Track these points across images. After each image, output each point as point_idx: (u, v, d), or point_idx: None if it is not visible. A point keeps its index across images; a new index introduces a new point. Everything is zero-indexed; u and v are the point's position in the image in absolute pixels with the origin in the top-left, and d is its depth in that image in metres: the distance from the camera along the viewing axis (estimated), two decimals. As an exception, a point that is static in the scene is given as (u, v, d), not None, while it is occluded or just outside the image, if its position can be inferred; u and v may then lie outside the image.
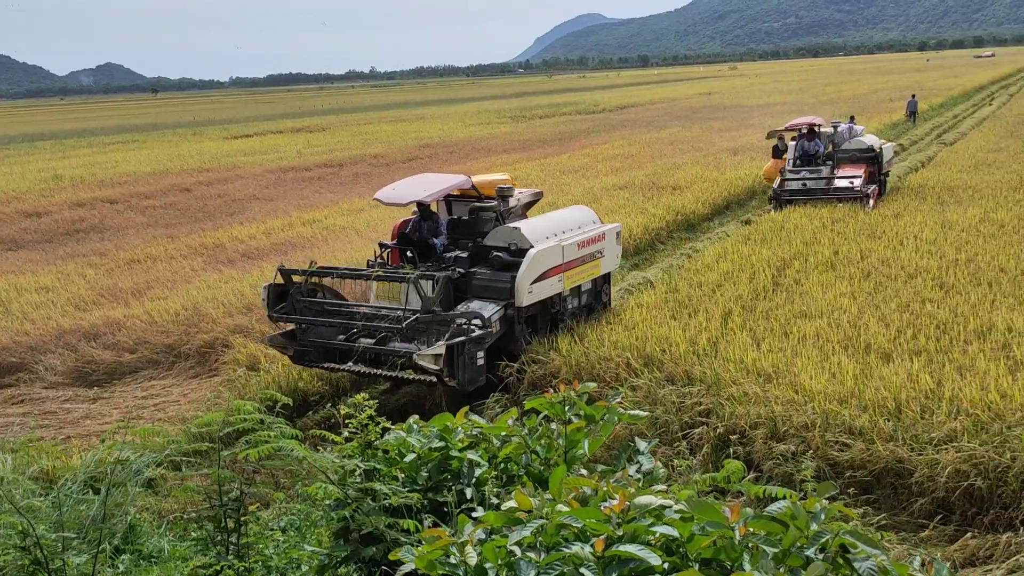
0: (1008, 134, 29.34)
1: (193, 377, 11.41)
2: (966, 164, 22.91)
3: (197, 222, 22.48)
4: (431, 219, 11.13)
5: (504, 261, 10.28)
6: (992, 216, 15.50)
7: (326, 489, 4.30)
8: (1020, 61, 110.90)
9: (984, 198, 17.50)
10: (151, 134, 59.55)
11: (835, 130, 21.09)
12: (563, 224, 11.28)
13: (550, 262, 10.37)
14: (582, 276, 11.15)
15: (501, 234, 10.65)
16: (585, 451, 4.51)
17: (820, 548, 3.03)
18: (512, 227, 10.61)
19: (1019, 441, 6.86)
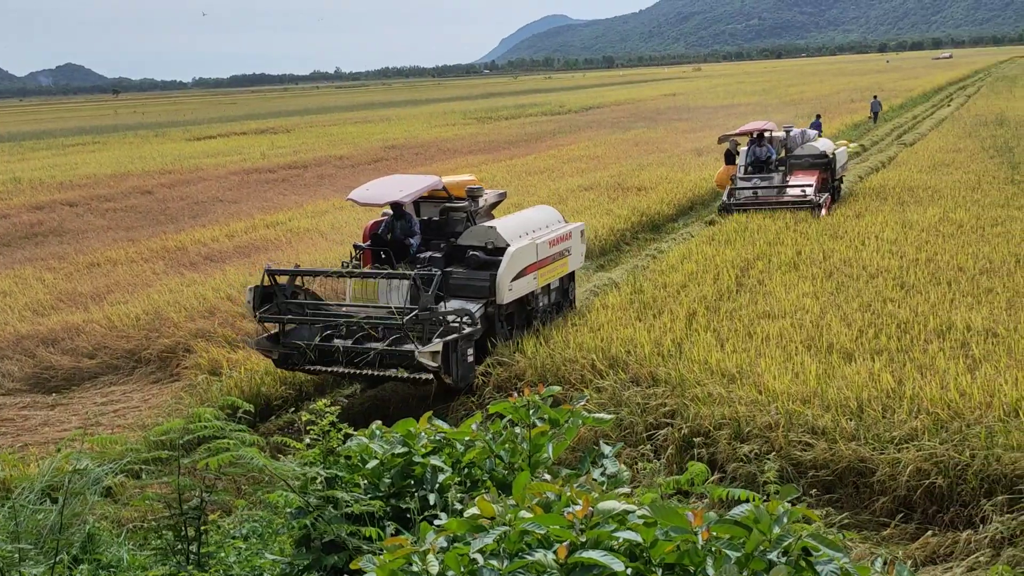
0: (966, 135, 29.80)
1: (154, 383, 11.25)
2: (925, 164, 23.22)
3: (159, 225, 22.21)
4: (404, 219, 11.11)
5: (481, 260, 10.45)
6: (951, 216, 15.72)
7: (287, 497, 4.25)
8: (977, 63, 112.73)
9: (943, 198, 17.74)
10: (112, 135, 58.78)
11: (787, 135, 20.37)
12: (532, 223, 11.49)
13: (526, 260, 10.56)
14: (553, 274, 11.35)
15: (476, 233, 10.82)
16: (549, 455, 4.50)
17: (783, 551, 3.03)
18: (487, 226, 10.80)
19: (978, 439, 6.95)
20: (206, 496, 5.26)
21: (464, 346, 9.42)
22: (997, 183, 19.19)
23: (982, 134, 29.37)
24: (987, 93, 52.63)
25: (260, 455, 4.18)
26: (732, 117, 43.86)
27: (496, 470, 4.50)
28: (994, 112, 37.46)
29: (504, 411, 4.67)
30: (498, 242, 10.57)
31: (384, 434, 4.65)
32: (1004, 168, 21.38)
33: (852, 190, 20.91)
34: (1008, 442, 6.87)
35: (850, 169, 25.21)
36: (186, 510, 5.15)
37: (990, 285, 11.23)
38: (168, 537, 5.20)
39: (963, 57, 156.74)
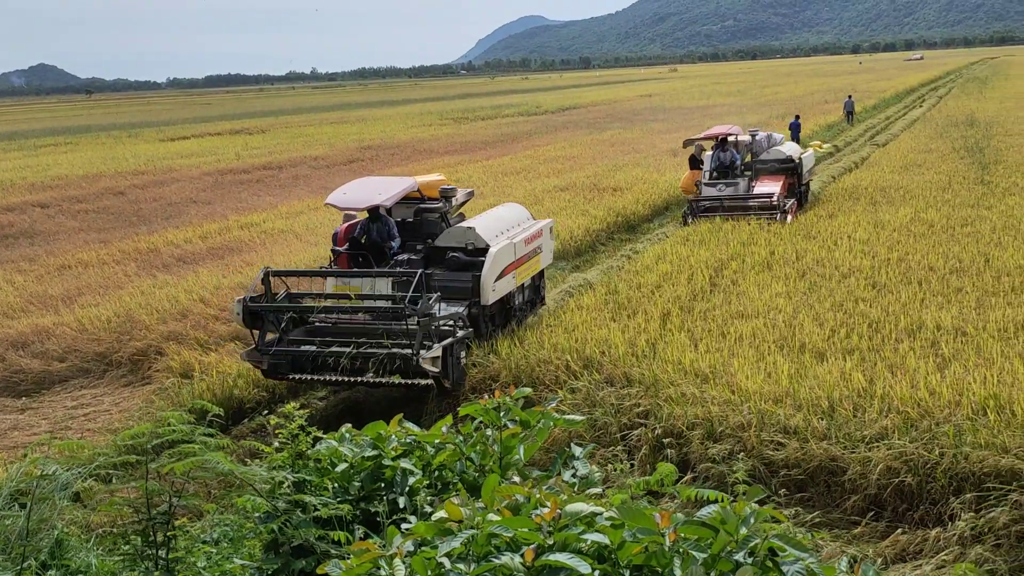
0: (937, 135, 30.09)
1: (125, 386, 11.15)
2: (897, 165, 23.42)
3: (131, 226, 22.02)
4: (381, 222, 10.95)
5: (462, 261, 10.48)
6: (922, 216, 15.86)
7: (254, 502, 4.22)
8: (949, 64, 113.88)
9: (915, 198, 17.91)
10: (84, 136, 58.22)
11: (753, 139, 19.94)
12: (506, 222, 11.54)
13: (507, 259, 10.60)
14: (528, 272, 11.42)
15: (455, 234, 10.82)
16: (520, 457, 4.48)
17: (749, 552, 3.04)
18: (466, 227, 10.82)
19: (947, 438, 7.01)
20: (175, 501, 5.22)
21: (458, 349, 9.48)
22: (967, 183, 19.39)
23: (953, 135, 29.68)
24: (958, 94, 53.19)
25: (226, 459, 4.14)
26: (708, 118, 44.04)
27: (467, 472, 4.48)
28: (965, 113, 37.86)
29: (475, 413, 4.65)
30: (478, 243, 10.57)
31: (354, 437, 4.62)
32: (974, 168, 21.61)
33: (824, 191, 21.05)
34: (976, 440, 6.94)
35: (823, 170, 25.43)
36: (154, 515, 5.10)
37: (960, 284, 11.34)
38: (136, 542, 5.15)
39: (934, 59, 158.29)
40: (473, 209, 13.35)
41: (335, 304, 9.77)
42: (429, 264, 10.75)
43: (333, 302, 9.79)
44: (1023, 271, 11.69)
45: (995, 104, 41.86)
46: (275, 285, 10.06)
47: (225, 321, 12.50)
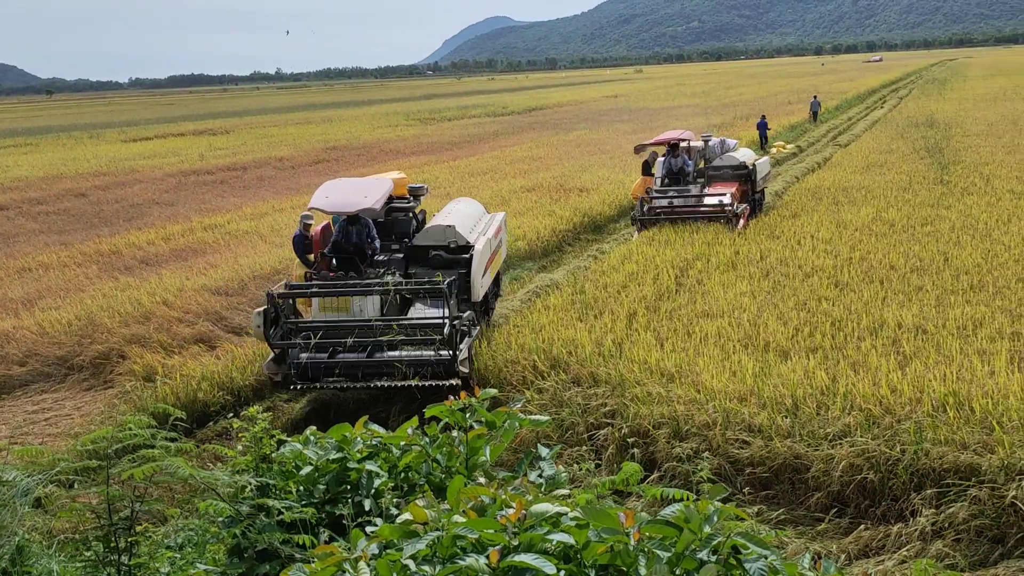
0: (898, 136, 30.49)
1: (87, 390, 11.00)
2: (859, 165, 23.70)
3: (92, 228, 21.73)
4: (361, 224, 10.84)
5: (445, 259, 10.59)
6: (884, 215, 16.06)
7: (217, 506, 4.18)
8: (909, 65, 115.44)
9: (876, 198, 18.13)
10: (45, 137, 57.40)
11: (706, 145, 19.30)
12: (473, 218, 11.77)
13: (487, 255, 10.88)
14: (495, 266, 11.69)
15: (434, 233, 10.91)
16: (487, 458, 4.48)
17: (713, 550, 3.06)
18: (446, 225, 10.94)
19: (908, 435, 7.11)
20: (137, 506, 5.16)
21: (469, 345, 9.69)
22: (927, 183, 19.66)
23: (913, 135, 30.08)
24: (918, 95, 53.93)
25: (187, 464, 4.10)
26: (673, 119, 44.30)
27: (433, 474, 4.47)
28: (925, 114, 38.39)
29: (441, 414, 4.63)
30: (459, 240, 10.73)
31: (319, 440, 4.58)
32: (934, 168, 21.92)
33: (788, 191, 21.21)
34: (937, 437, 7.05)
35: (787, 170, 25.68)
36: (116, 520, 5.04)
37: (920, 283, 11.50)
38: (98, 548, 5.08)
39: (893, 60, 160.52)
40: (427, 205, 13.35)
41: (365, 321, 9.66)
42: (410, 263, 10.83)
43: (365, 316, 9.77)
44: (981, 270, 11.87)
45: (954, 105, 42.49)
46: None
47: (189, 323, 12.39)
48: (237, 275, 14.62)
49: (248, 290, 14.04)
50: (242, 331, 12.51)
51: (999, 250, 12.83)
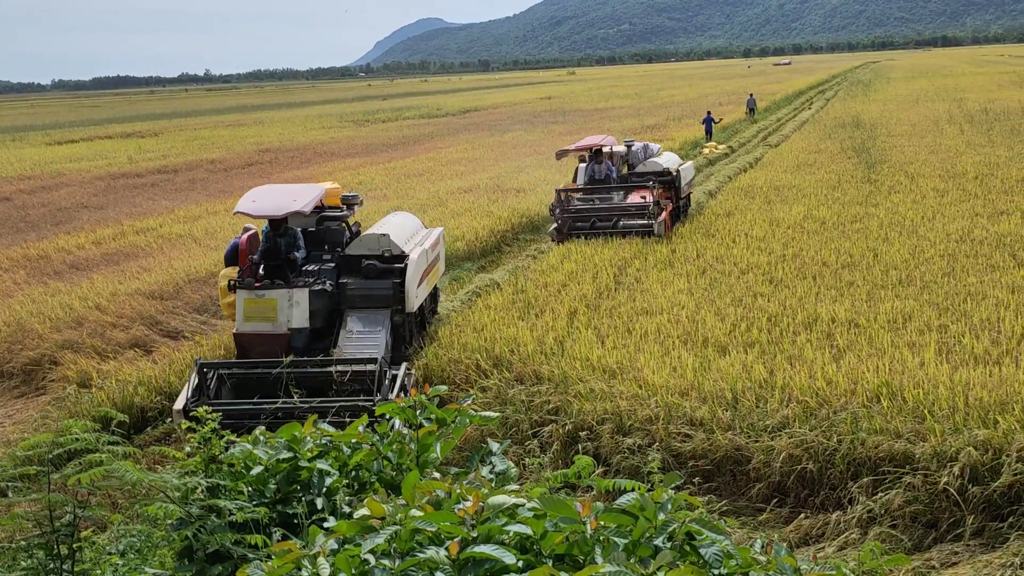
0: (826, 136, 31.21)
1: (18, 397, 10.71)
2: (790, 165, 24.21)
3: (18, 233, 21.11)
4: (287, 234, 10.43)
5: (378, 269, 10.28)
6: (815, 213, 16.45)
7: (167, 509, 4.12)
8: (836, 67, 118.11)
9: (807, 197, 18.54)
10: (-37, 139, 55.55)
11: (629, 150, 18.71)
12: (409, 229, 11.51)
13: (422, 266, 10.66)
14: (432, 280, 11.50)
15: (367, 242, 10.57)
16: (438, 454, 4.49)
17: (668, 537, 3.13)
18: (380, 234, 10.63)
19: (844, 425, 7.31)
20: (79, 512, 5.05)
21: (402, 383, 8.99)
22: (855, 182, 20.18)
23: (841, 136, 30.81)
24: (844, 97, 55.24)
25: (135, 468, 4.03)
26: (607, 120, 44.74)
27: (384, 471, 4.47)
28: (851, 115, 39.35)
29: (391, 412, 4.64)
30: (393, 249, 10.45)
31: (268, 439, 4.55)
32: (861, 168, 22.50)
33: (721, 190, 21.55)
34: (871, 426, 7.26)
35: (719, 170, 26.09)
36: (58, 527, 4.93)
37: (851, 279, 11.80)
38: (39, 556, 4.97)
39: (801, 63, 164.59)
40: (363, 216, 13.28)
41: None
42: (341, 273, 10.47)
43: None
44: (909, 265, 12.23)
45: (878, 106, 43.64)
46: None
47: (123, 328, 12.13)
48: (172, 278, 14.37)
49: (184, 293, 13.81)
50: (178, 335, 12.30)
51: (925, 246, 13.24)
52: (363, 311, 10.06)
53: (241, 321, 9.67)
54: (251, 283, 9.82)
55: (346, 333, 9.85)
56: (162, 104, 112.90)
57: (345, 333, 9.85)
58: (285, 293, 9.62)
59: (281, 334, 9.52)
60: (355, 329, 9.89)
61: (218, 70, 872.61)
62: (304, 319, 9.63)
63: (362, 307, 10.08)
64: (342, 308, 10.12)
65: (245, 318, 9.64)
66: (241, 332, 9.65)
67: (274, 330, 9.53)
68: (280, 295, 9.61)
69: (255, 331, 9.56)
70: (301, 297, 9.65)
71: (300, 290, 9.68)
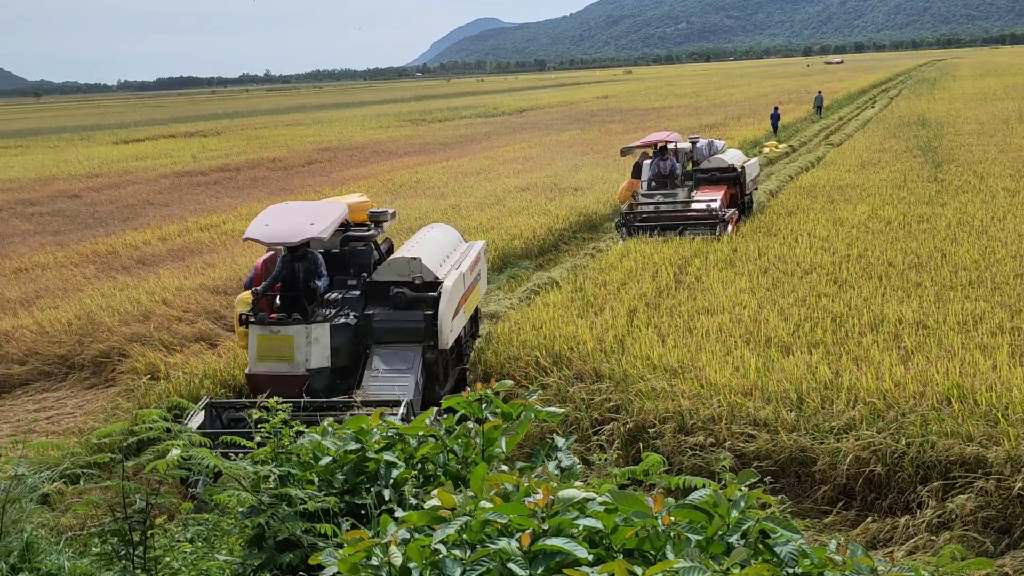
0: (890, 135, 30.63)
1: (88, 388, 10.98)
2: (853, 164, 23.80)
3: (88, 229, 21.66)
4: (307, 259, 9.04)
5: (409, 298, 9.03)
6: (880, 213, 16.15)
7: (239, 496, 4.18)
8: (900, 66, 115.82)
9: (871, 196, 18.21)
10: (35, 139, 57.14)
11: (693, 147, 18.63)
12: (445, 247, 10.27)
13: (459, 293, 9.37)
14: (472, 304, 10.29)
15: (397, 266, 9.28)
16: (503, 449, 4.50)
17: (741, 535, 3.09)
18: (410, 257, 9.31)
19: (913, 427, 7.16)
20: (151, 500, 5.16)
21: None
22: (921, 181, 19.77)
23: (906, 134, 30.23)
24: (908, 95, 54.16)
25: (211, 455, 4.11)
26: (665, 119, 44.42)
27: (450, 464, 4.49)
28: (916, 113, 38.57)
29: (457, 406, 4.66)
30: (426, 275, 9.17)
31: (336, 431, 4.60)
32: (927, 167, 22.04)
33: (783, 189, 21.28)
34: (941, 430, 7.10)
35: (781, 169, 25.76)
36: (131, 514, 5.04)
37: (919, 279, 11.56)
38: (113, 543, 5.08)
39: (864, 61, 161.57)
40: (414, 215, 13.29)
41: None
42: (368, 302, 9.23)
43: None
44: (979, 266, 11.95)
45: (944, 104, 42.70)
46: None
47: (189, 322, 12.37)
48: (235, 274, 14.60)
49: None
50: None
51: (996, 246, 12.92)
52: (391, 347, 8.84)
53: (254, 360, 8.51)
54: (264, 317, 8.63)
55: (371, 372, 8.68)
56: (224, 104, 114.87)
57: (370, 372, 8.69)
58: (303, 329, 8.40)
59: (299, 376, 8.33)
60: (381, 367, 8.68)
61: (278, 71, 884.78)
62: (324, 358, 8.47)
63: (390, 342, 8.87)
64: (368, 343, 8.94)
65: (259, 357, 8.48)
66: (254, 373, 8.48)
67: (291, 371, 8.32)
68: (297, 331, 8.40)
69: (269, 372, 8.36)
70: (321, 333, 8.46)
71: (320, 325, 8.49)
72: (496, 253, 15.93)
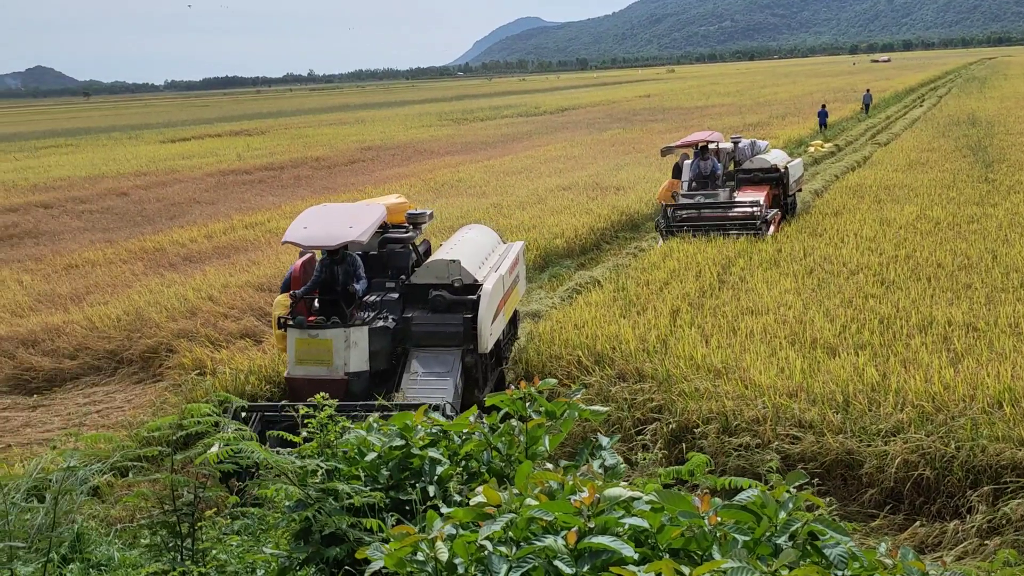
0: (940, 134, 30.13)
1: (137, 383, 11.17)
2: (901, 164, 23.46)
3: (136, 226, 22.03)
4: (345, 262, 8.98)
5: (448, 301, 8.93)
6: (928, 213, 15.90)
7: (286, 490, 4.23)
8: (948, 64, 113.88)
9: (920, 196, 17.94)
10: (84, 138, 58.20)
11: (736, 146, 18.37)
12: (483, 249, 10.15)
13: (498, 296, 9.26)
14: (511, 306, 10.13)
15: (435, 269, 9.19)
16: (546, 447, 4.50)
17: (789, 536, 3.06)
18: (449, 260, 9.23)
19: (963, 431, 7.04)
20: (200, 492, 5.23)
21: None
22: (971, 181, 19.43)
23: (955, 134, 29.72)
24: (958, 94, 53.25)
25: (260, 448, 4.16)
26: (707, 118, 44.10)
27: (493, 462, 4.50)
28: (966, 112, 37.91)
29: (501, 404, 4.67)
30: (465, 278, 9.07)
31: (381, 427, 4.64)
32: (978, 167, 21.65)
33: (828, 189, 21.02)
34: (992, 433, 6.98)
35: (826, 168, 25.43)
36: (179, 506, 5.12)
37: (968, 281, 11.37)
38: (162, 534, 5.16)
39: (912, 59, 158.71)
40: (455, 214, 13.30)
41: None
42: (406, 305, 9.15)
43: None
44: (1031, 267, 11.71)
45: (995, 103, 41.91)
46: None
47: (234, 318, 12.53)
48: (280, 272, 14.74)
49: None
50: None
51: (1049, 248, 12.66)
52: (430, 350, 8.75)
53: (293, 364, 8.53)
54: (303, 320, 8.65)
55: (409, 375, 8.61)
56: (268, 104, 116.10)
57: (408, 375, 8.61)
58: (341, 333, 8.40)
59: (338, 379, 8.27)
60: (420, 371, 8.60)
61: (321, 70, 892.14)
62: (363, 362, 8.45)
63: (429, 345, 8.78)
64: (406, 346, 8.88)
65: (297, 361, 8.50)
66: (293, 376, 8.51)
67: (330, 375, 8.28)
68: (336, 335, 8.39)
69: (308, 376, 8.35)
70: (360, 337, 8.45)
71: (358, 329, 8.47)
72: (538, 252, 15.92)
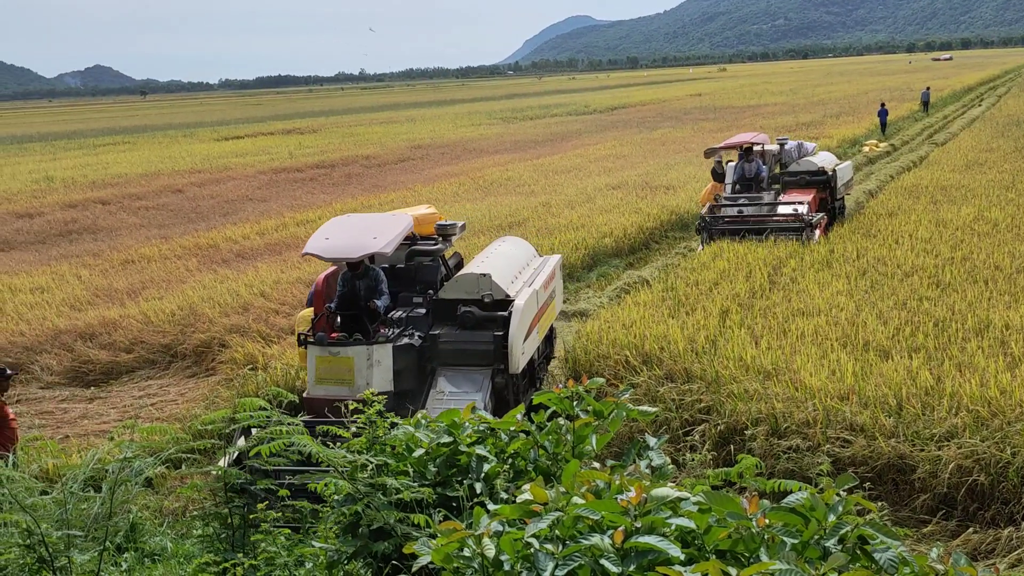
0: (999, 134, 29.47)
1: (190, 377, 11.39)
2: (958, 164, 22.99)
3: (190, 223, 22.43)
4: (367, 275, 8.52)
5: (477, 317, 8.44)
6: (986, 215, 15.56)
7: (336, 484, 4.28)
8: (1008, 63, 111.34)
9: (977, 197, 17.57)
10: (141, 136, 59.34)
11: (781, 148, 17.70)
12: (517, 262, 9.66)
13: (531, 313, 8.71)
14: (547, 324, 9.64)
15: (465, 283, 8.68)
16: (593, 447, 4.50)
17: (839, 540, 3.03)
18: (479, 274, 8.71)
19: (1019, 437, 6.90)
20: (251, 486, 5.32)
21: None
22: (1032, 182, 18.98)
23: (1015, 134, 29.03)
24: (1018, 93, 52.01)
25: (312, 442, 4.22)
26: (759, 117, 43.65)
27: (540, 460, 4.51)
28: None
29: (548, 402, 4.67)
30: (496, 293, 8.57)
31: (429, 424, 4.67)
32: (1039, 168, 21.14)
33: (883, 189, 20.68)
34: (1051, 440, 6.81)
35: (880, 168, 25.02)
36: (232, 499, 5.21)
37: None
38: (215, 526, 5.26)
39: (970, 58, 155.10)
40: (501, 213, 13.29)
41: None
42: (434, 321, 8.68)
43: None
44: (1093, 271, 11.42)
45: (1057, 103, 40.90)
46: None
47: (286, 315, 12.69)
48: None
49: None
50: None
51: (1112, 251, 12.33)
52: (458, 369, 8.30)
53: (313, 383, 8.07)
54: (323, 337, 8.12)
55: (436, 394, 8.11)
56: (320, 102, 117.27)
57: (435, 394, 8.12)
58: (364, 350, 7.88)
59: (359, 400, 8.03)
60: (447, 390, 8.11)
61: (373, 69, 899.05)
62: (387, 381, 7.93)
63: (457, 364, 8.32)
64: (433, 365, 8.38)
65: (317, 379, 8.03)
66: (312, 397, 7.98)
67: (351, 395, 7.43)
68: (358, 352, 7.88)
69: (328, 396, 7.77)
70: (383, 355, 7.95)
71: (382, 346, 7.97)
72: (586, 251, 15.90)
